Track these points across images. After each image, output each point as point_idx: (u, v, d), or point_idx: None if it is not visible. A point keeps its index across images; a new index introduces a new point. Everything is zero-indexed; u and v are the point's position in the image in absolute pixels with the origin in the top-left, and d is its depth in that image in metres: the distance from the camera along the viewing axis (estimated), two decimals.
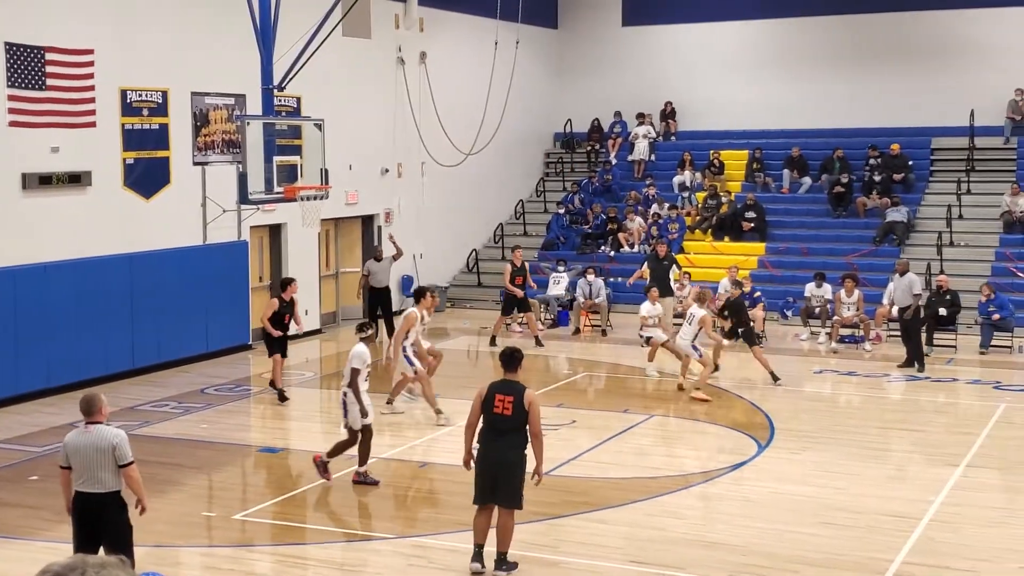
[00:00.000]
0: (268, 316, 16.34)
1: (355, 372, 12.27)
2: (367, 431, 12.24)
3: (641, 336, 18.86)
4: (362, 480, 12.19)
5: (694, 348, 16.84)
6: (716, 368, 17.58)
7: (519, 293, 21.24)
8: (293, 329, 17.01)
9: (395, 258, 21.80)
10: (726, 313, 18.08)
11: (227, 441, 14.37)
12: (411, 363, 15.07)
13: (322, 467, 12.28)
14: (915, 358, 18.54)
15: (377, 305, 21.43)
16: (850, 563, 10.02)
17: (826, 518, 11.24)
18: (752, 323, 18.48)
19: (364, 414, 12.18)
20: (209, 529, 11.20)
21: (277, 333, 16.39)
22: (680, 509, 11.60)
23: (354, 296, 22.22)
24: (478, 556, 9.75)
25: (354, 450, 12.30)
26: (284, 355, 16.63)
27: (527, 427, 9.61)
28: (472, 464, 9.89)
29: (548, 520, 11.16)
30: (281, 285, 16.88)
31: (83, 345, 16.97)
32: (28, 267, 16.29)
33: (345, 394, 12.32)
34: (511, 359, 9.88)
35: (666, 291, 20.71)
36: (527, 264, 22.19)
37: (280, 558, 10.47)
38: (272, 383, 16.53)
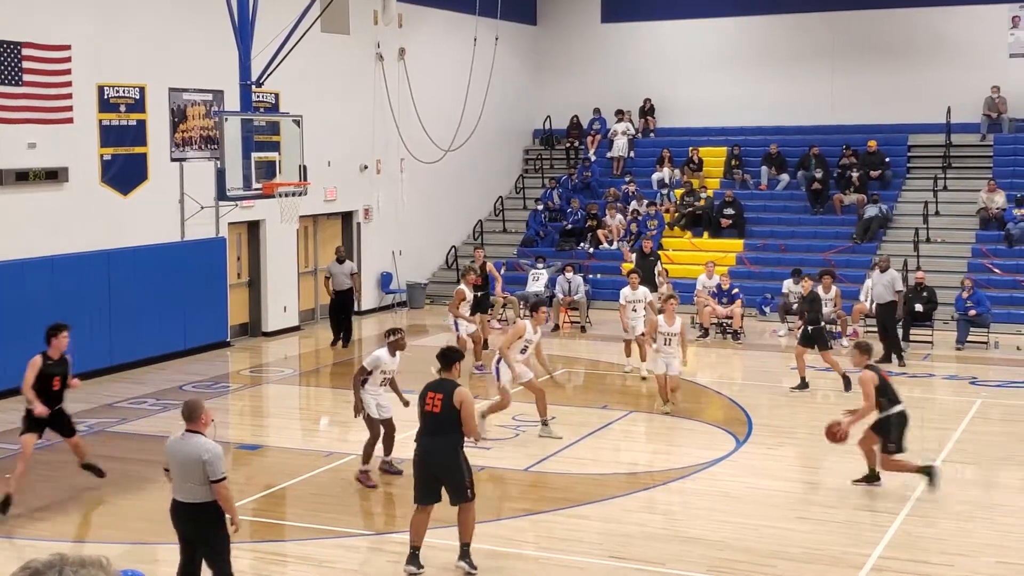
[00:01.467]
0: (31, 380, 11.42)
1: (361, 370, 12.24)
2: (389, 424, 12.22)
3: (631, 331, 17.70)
4: (387, 469, 12.31)
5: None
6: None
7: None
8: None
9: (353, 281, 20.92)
10: (801, 309, 17.19)
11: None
12: (498, 377, 14.00)
13: (364, 476, 12.19)
14: (895, 352, 18.68)
15: (339, 308, 20.78)
16: (828, 557, 10.07)
17: (804, 513, 11.30)
18: (822, 323, 17.30)
19: (356, 410, 12.16)
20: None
21: (41, 410, 11.40)
22: (659, 504, 11.64)
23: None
24: (413, 559, 9.51)
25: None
26: (42, 434, 11.74)
27: (460, 425, 9.41)
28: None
29: (528, 516, 11.17)
30: (46, 336, 11.69)
31: None
32: (4, 264, 16.18)
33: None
34: (444, 358, 9.77)
35: (650, 287, 20.75)
36: (489, 263, 20.81)
37: (259, 555, 10.45)
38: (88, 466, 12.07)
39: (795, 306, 21.40)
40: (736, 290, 21.44)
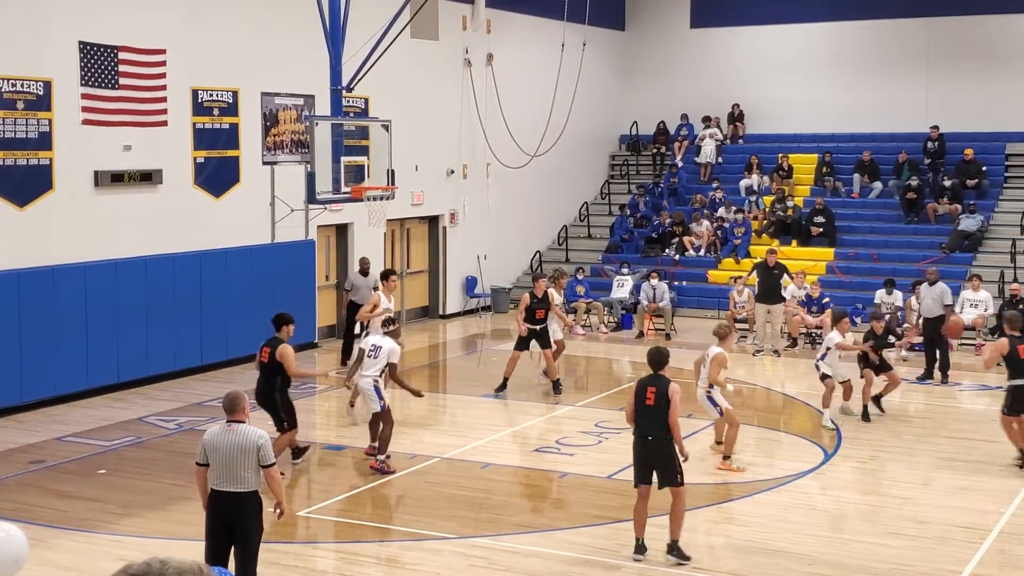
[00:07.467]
0: None
1: (393, 367, 13.34)
2: (390, 420, 13.04)
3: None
4: (381, 468, 12.80)
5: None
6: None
7: (523, 330, 16.99)
8: None
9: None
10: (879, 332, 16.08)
11: None
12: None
13: (384, 466, 12.82)
14: (941, 369, 18.26)
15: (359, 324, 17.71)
16: (918, 574, 9.83)
17: (894, 528, 11.05)
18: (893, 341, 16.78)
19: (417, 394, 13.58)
20: (273, 525, 11.27)
21: None
22: (744, 516, 11.47)
23: (420, 296, 22.23)
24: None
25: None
26: None
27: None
28: None
29: (611, 524, 11.09)
30: None
31: (152, 341, 17.21)
32: (100, 263, 16.54)
33: (376, 384, 13.21)
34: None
35: (776, 299, 20.55)
36: (552, 294, 17.54)
37: (342, 555, 10.53)
38: None
39: (887, 317, 20.96)
40: (827, 299, 21.06)
